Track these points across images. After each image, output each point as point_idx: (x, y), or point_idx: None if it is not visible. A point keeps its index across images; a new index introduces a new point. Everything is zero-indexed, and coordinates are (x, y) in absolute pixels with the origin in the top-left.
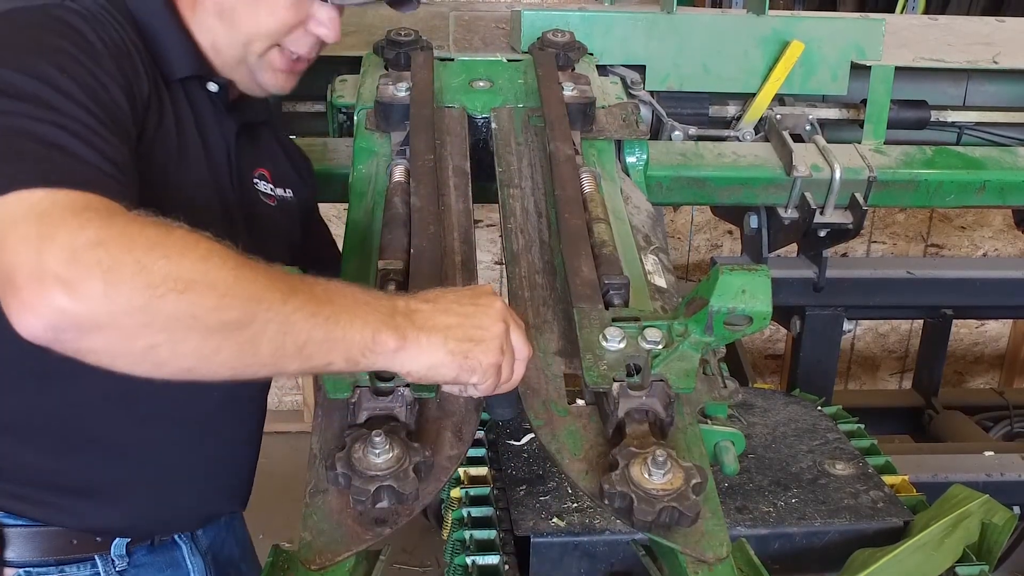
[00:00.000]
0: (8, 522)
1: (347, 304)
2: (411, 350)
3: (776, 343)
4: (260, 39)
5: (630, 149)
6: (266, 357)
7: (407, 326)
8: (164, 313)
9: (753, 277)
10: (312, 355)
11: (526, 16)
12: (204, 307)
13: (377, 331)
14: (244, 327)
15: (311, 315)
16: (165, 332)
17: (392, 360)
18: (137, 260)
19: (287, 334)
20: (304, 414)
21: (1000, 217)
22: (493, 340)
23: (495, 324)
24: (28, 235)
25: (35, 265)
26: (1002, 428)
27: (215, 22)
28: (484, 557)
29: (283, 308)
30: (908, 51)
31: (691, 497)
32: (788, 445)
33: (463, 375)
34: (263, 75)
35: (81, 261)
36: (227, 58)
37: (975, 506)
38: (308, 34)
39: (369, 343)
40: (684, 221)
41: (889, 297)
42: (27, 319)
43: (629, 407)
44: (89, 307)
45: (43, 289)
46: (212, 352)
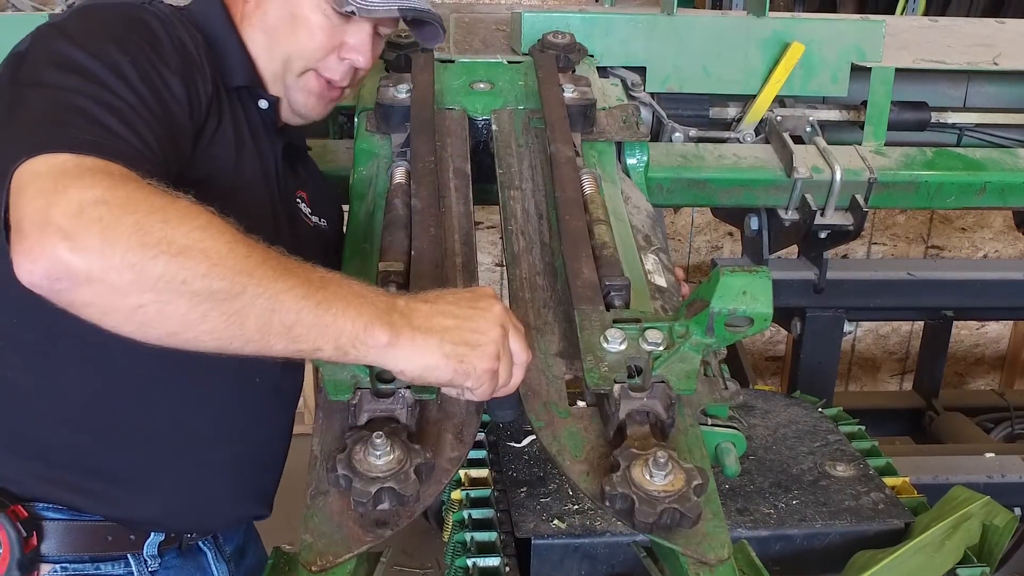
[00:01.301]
0: (47, 515)
1: (342, 294)
2: (404, 348)
3: (776, 344)
4: (297, 59)
5: (631, 151)
6: (252, 332)
7: (402, 324)
8: (154, 273)
9: (754, 279)
10: (300, 337)
11: (526, 18)
12: (194, 272)
13: (370, 324)
14: (232, 298)
15: (302, 297)
16: (154, 292)
17: (384, 355)
18: (136, 221)
19: (275, 312)
20: (305, 416)
21: (1001, 219)
22: (489, 345)
23: (492, 329)
24: (43, 189)
25: (42, 215)
26: (1003, 430)
27: (259, 36)
28: (485, 559)
29: (273, 285)
30: (908, 53)
31: (692, 499)
32: (789, 447)
33: (458, 379)
34: (297, 96)
35: (84, 216)
36: (269, 72)
37: (976, 508)
38: (341, 61)
39: (360, 334)
40: (684, 223)
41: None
42: (27, 265)
43: (630, 409)
44: (85, 259)
45: (45, 237)
46: (198, 319)
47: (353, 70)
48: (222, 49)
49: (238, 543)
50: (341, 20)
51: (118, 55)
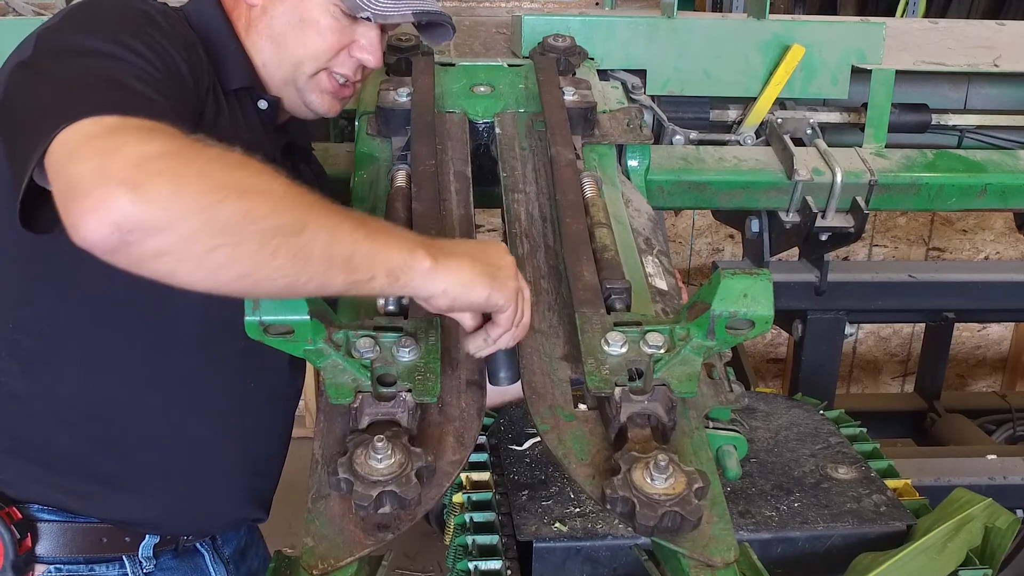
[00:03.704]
0: (42, 516)
1: (383, 227)
2: (444, 270)
3: (778, 347)
4: (308, 62)
5: (632, 153)
6: (316, 266)
7: (437, 251)
8: (225, 214)
9: (755, 281)
10: (358, 267)
11: (527, 21)
12: (262, 210)
13: (413, 251)
14: (297, 233)
15: (355, 229)
16: (225, 234)
17: (428, 280)
18: (199, 169)
19: (335, 244)
20: (306, 419)
21: (1001, 220)
22: (510, 267)
23: (506, 256)
24: (98, 148)
25: (101, 172)
26: (1005, 431)
27: (267, 44)
28: (486, 562)
29: (330, 219)
30: (909, 55)
31: (693, 502)
32: (790, 449)
33: (493, 296)
34: (311, 96)
35: (147, 167)
36: (277, 78)
37: (978, 510)
38: (352, 58)
39: (408, 260)
40: (685, 225)
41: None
42: (91, 223)
43: (631, 412)
44: (155, 208)
45: (109, 191)
46: (269, 256)
47: (363, 66)
48: (220, 51)
49: (238, 545)
50: (350, 21)
51: (128, 37)
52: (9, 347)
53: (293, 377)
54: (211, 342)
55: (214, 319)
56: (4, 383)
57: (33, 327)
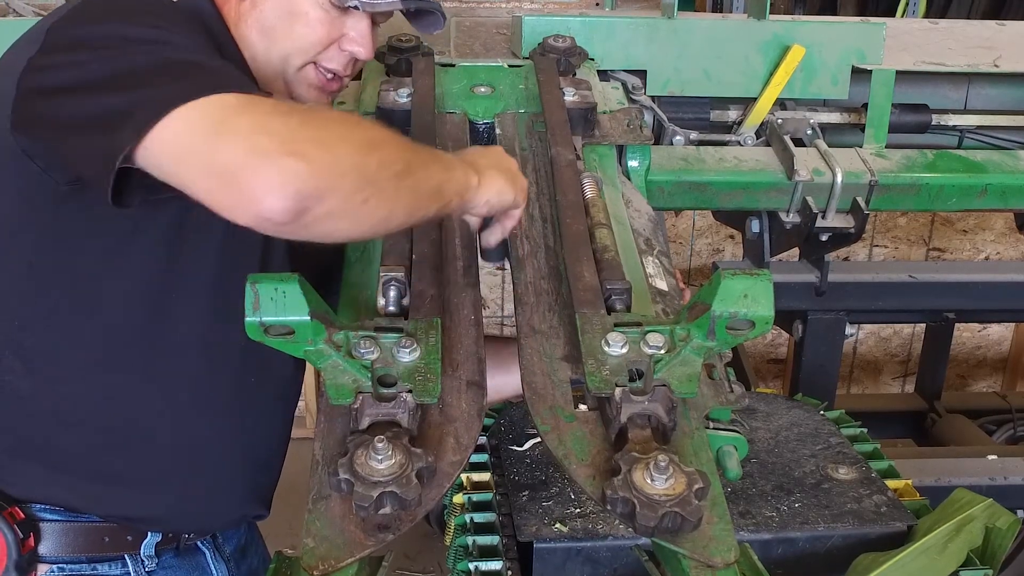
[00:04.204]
0: (44, 516)
1: (438, 155)
2: (485, 184)
3: (778, 347)
4: (297, 55)
5: (632, 154)
6: (424, 198)
7: (475, 166)
8: (371, 167)
9: (755, 281)
10: (443, 193)
11: (527, 22)
12: (389, 158)
13: (466, 173)
14: (412, 172)
15: (435, 162)
16: (373, 185)
17: (477, 194)
18: (336, 131)
19: (430, 178)
20: (307, 420)
21: (1002, 221)
22: (515, 168)
23: (511, 158)
24: (239, 128)
25: (262, 149)
26: (1005, 432)
27: (256, 37)
28: (487, 563)
29: (420, 155)
30: (909, 55)
31: (694, 502)
32: (791, 450)
33: (518, 196)
34: (298, 90)
35: (299, 138)
36: (266, 72)
37: (979, 510)
38: (342, 52)
39: (466, 181)
40: (686, 226)
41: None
42: (272, 198)
43: (631, 412)
44: (323, 172)
45: (279, 167)
46: (399, 196)
47: (353, 60)
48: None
49: (239, 543)
50: (340, 12)
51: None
52: (13, 346)
53: (294, 374)
54: (213, 340)
55: (216, 317)
56: (7, 382)
57: (37, 326)
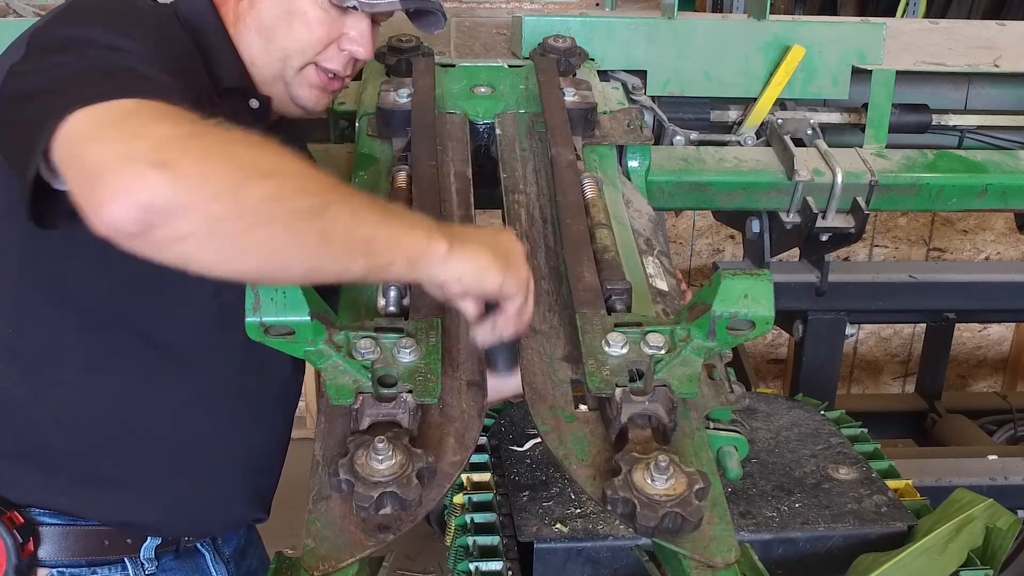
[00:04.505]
0: (44, 520)
1: (400, 212)
2: (459, 257)
3: (778, 348)
4: (296, 55)
5: (632, 154)
6: (339, 249)
7: (452, 236)
8: (252, 196)
9: (755, 282)
10: (378, 251)
11: (527, 22)
12: (287, 191)
13: (431, 236)
14: (320, 215)
15: (375, 212)
16: (252, 216)
17: (444, 266)
18: (226, 149)
19: (357, 227)
20: (307, 420)
21: (1002, 221)
22: (521, 255)
23: (517, 244)
24: (121, 130)
25: (128, 153)
26: (1006, 432)
27: (255, 38)
28: (487, 563)
29: (351, 201)
30: (909, 55)
31: (694, 502)
32: (791, 450)
33: (507, 283)
34: (298, 91)
35: (175, 147)
36: (265, 74)
37: (979, 510)
38: (341, 52)
39: (426, 246)
40: (686, 226)
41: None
42: (117, 205)
43: (632, 412)
44: (182, 187)
45: (138, 172)
46: (293, 239)
47: (353, 60)
48: (212, 50)
49: (238, 544)
50: (339, 12)
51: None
52: (8, 352)
53: (294, 376)
54: (211, 343)
55: (215, 319)
56: (3, 388)
57: (31, 332)
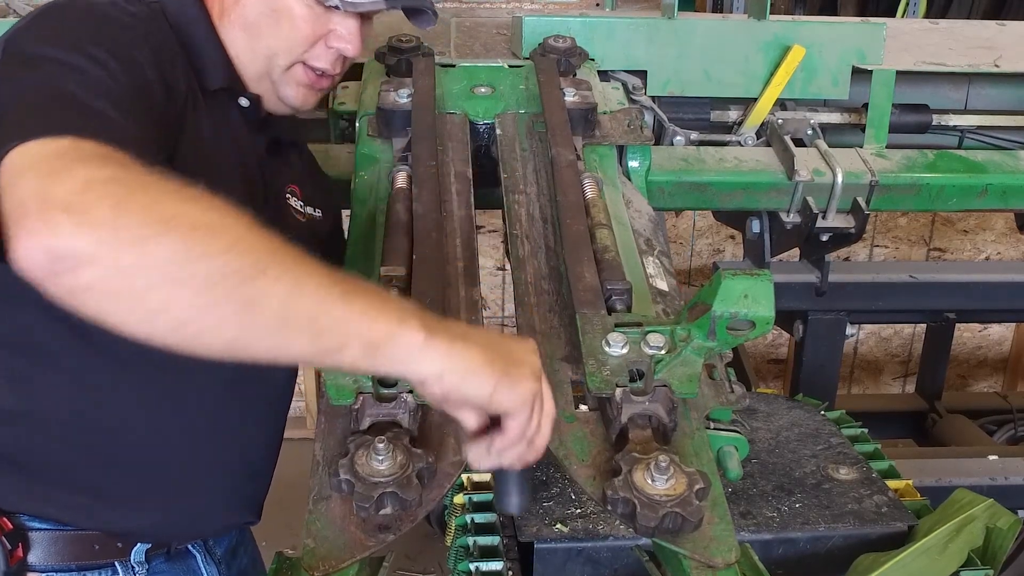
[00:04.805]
0: (32, 525)
1: (369, 290)
2: (440, 350)
3: (779, 348)
4: (282, 54)
5: (632, 154)
6: (271, 323)
7: (437, 325)
8: (168, 250)
9: (755, 282)
10: (324, 332)
11: (527, 22)
12: (209, 249)
13: (403, 319)
14: (249, 280)
15: (327, 285)
16: (161, 273)
17: (419, 357)
18: (147, 198)
19: (297, 299)
20: (307, 421)
21: (1002, 221)
22: (532, 366)
23: (532, 354)
24: (45, 169)
25: (44, 194)
26: (1006, 432)
27: (240, 34)
28: (488, 563)
29: (296, 269)
30: (909, 55)
31: (694, 502)
32: (791, 450)
33: (501, 392)
34: (286, 89)
35: (93, 191)
36: (251, 71)
37: (979, 510)
38: (329, 49)
39: (395, 331)
40: (686, 226)
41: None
42: (26, 246)
43: (632, 412)
44: (91, 235)
45: (48, 213)
46: (212, 304)
47: (343, 58)
48: (199, 50)
49: (229, 544)
50: (324, 9)
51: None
52: None
53: (287, 382)
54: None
55: None
56: None
57: (14, 343)
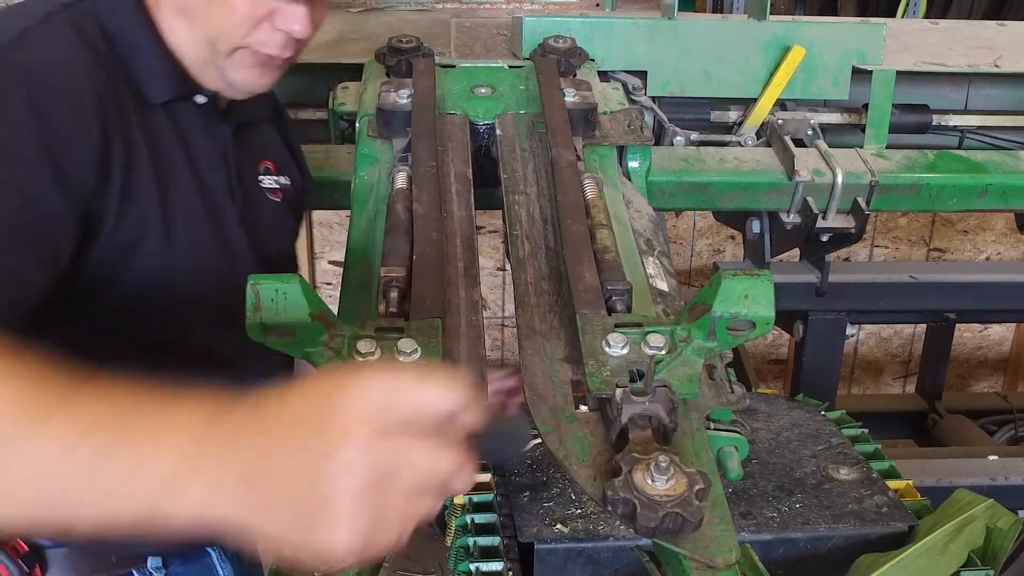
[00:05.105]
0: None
1: (143, 428)
2: (193, 493)
3: (779, 348)
4: (222, 39)
5: (632, 154)
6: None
7: (212, 459)
8: None
9: (755, 282)
10: (78, 504)
11: (527, 22)
12: None
13: (176, 469)
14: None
15: (71, 446)
16: None
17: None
18: None
19: (32, 470)
20: None
21: (1003, 221)
22: (343, 503)
23: (346, 477)
24: None
25: None
26: (1006, 432)
27: (176, 22)
28: (488, 564)
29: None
30: (909, 55)
31: (695, 503)
32: (792, 450)
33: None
34: (234, 74)
35: None
36: (194, 59)
37: (980, 511)
38: (275, 31)
39: (165, 481)
40: (686, 226)
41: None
42: None
43: (632, 413)
44: None
45: None
46: None
47: (294, 40)
48: (138, 60)
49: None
50: None
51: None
52: None
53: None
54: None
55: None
56: None
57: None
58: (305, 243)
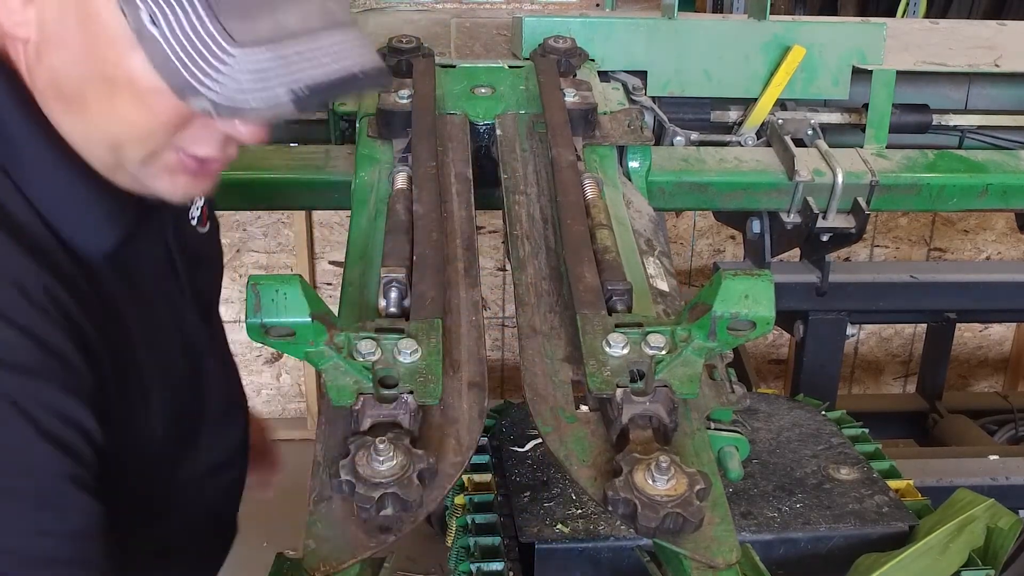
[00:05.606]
0: None
1: None
2: None
3: (779, 348)
4: (132, 144)
5: (632, 154)
6: None
7: None
8: None
9: (756, 282)
10: None
11: (527, 22)
12: None
13: None
14: None
15: None
16: None
17: None
18: None
19: None
20: (308, 422)
21: (1003, 221)
22: None
23: None
24: None
25: None
26: (1007, 432)
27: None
28: (488, 564)
29: None
30: (909, 55)
31: (695, 503)
32: (792, 450)
33: None
34: (154, 183)
35: None
36: (96, 160)
37: (980, 510)
38: (212, 128)
39: None
40: (686, 226)
41: (892, 301)
42: None
43: (633, 413)
44: None
45: None
46: None
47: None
48: (63, 213)
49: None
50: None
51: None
52: None
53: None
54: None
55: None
56: None
57: None
58: (305, 243)
